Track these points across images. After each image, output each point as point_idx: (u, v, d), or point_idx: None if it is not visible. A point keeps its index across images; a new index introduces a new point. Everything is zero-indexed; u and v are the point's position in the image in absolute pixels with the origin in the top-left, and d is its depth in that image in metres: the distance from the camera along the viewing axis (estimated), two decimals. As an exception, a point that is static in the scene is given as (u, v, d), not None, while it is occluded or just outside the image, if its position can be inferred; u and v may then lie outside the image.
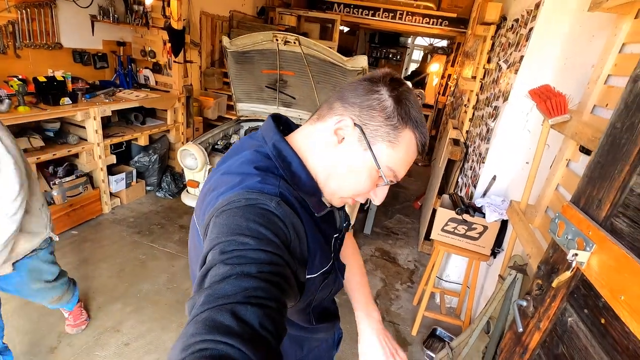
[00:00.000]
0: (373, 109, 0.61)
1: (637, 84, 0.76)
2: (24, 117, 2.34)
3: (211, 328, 0.39)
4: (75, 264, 2.45)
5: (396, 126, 0.61)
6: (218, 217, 0.54)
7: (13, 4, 2.52)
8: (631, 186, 0.73)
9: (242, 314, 0.42)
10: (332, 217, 0.77)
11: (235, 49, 2.50)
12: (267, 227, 0.53)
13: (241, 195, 0.56)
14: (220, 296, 0.43)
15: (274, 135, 0.67)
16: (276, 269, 0.50)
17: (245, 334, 0.40)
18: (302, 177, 0.65)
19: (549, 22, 1.76)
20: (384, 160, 0.62)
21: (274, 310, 0.45)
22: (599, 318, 0.76)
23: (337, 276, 0.79)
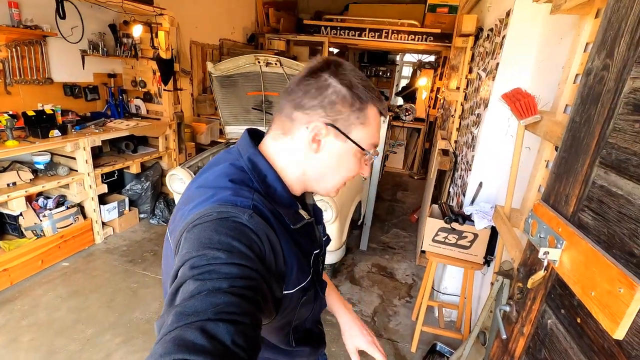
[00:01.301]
0: (335, 103, 0.63)
1: (590, 77, 0.77)
2: (12, 152, 2.36)
3: (180, 347, 0.38)
4: (65, 296, 2.41)
5: (360, 108, 0.64)
6: (189, 231, 0.53)
7: (3, 43, 2.60)
8: (593, 179, 0.72)
9: (213, 331, 0.41)
10: (311, 231, 0.75)
11: (219, 73, 2.55)
12: (239, 240, 0.52)
13: (213, 209, 0.55)
14: (190, 313, 0.42)
15: (249, 149, 0.67)
16: (249, 283, 0.48)
17: (216, 351, 0.39)
18: (277, 189, 0.65)
19: (520, 28, 1.80)
20: (364, 140, 0.66)
21: (247, 327, 0.44)
22: (575, 317, 0.73)
23: (317, 293, 0.77)
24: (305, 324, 0.79)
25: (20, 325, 2.13)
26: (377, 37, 5.81)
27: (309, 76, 0.64)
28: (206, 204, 0.57)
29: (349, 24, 5.94)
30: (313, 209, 0.81)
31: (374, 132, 0.68)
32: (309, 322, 0.81)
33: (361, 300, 2.65)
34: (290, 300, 0.66)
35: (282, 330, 0.73)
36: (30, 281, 2.52)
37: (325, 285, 0.84)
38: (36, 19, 2.74)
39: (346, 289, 2.76)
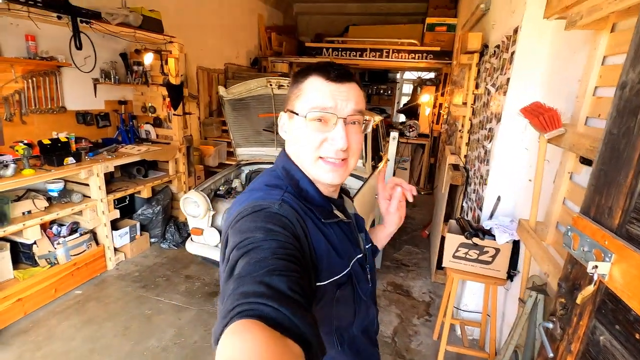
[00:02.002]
0: (288, 95, 0.74)
1: (625, 91, 0.78)
2: (28, 180, 2.38)
3: (244, 296, 0.43)
4: (79, 325, 2.36)
5: (298, 85, 0.71)
6: (232, 228, 0.62)
7: (20, 75, 2.66)
8: (639, 190, 0.72)
9: (269, 282, 0.46)
10: (349, 234, 0.78)
11: (231, 97, 2.60)
12: (274, 223, 0.59)
13: (248, 206, 0.65)
14: (245, 275, 0.48)
15: (283, 159, 0.77)
16: (289, 252, 0.55)
17: (276, 295, 0.44)
18: (309, 191, 0.72)
19: (529, 44, 1.84)
20: (303, 107, 0.69)
21: (298, 277, 0.50)
22: (633, 333, 0.71)
23: (359, 297, 0.76)
24: (351, 330, 0.78)
25: (35, 356, 2.08)
26: (378, 56, 5.93)
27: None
28: (243, 204, 0.66)
29: (350, 45, 6.09)
30: (355, 217, 0.87)
31: (311, 97, 0.68)
32: (357, 330, 0.79)
33: (380, 320, 2.57)
34: (325, 293, 0.67)
35: (322, 327, 0.72)
36: (44, 310, 2.48)
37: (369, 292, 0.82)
38: (51, 50, 2.82)
39: (363, 309, 2.70)
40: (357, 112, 0.70)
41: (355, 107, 0.70)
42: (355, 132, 0.71)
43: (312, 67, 0.70)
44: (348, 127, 0.69)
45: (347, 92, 0.69)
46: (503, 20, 2.31)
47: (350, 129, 0.70)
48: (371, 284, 0.82)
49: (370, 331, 0.82)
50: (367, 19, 7.29)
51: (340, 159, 0.70)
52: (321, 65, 0.69)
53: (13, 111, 2.66)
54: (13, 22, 2.57)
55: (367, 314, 0.80)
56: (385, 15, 7.18)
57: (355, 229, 0.81)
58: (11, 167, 2.31)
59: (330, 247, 0.70)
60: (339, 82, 0.68)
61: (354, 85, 0.71)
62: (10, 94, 2.63)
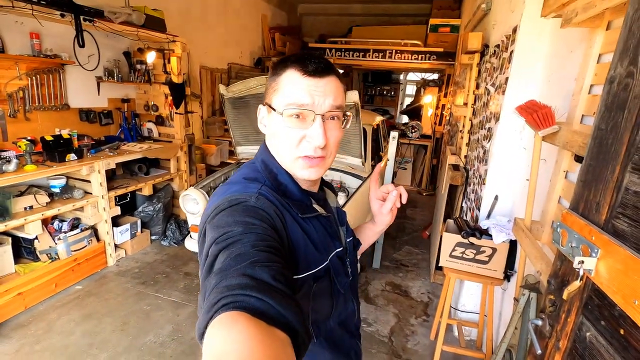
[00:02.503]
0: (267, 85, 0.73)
1: (613, 85, 0.77)
2: (30, 176, 2.41)
3: (228, 289, 0.43)
4: (78, 320, 2.38)
5: (275, 78, 0.69)
6: (209, 222, 0.61)
7: (24, 72, 2.70)
8: (626, 185, 0.72)
9: (252, 273, 0.46)
10: (329, 227, 0.78)
11: (231, 95, 2.61)
12: (252, 216, 0.59)
13: (225, 199, 0.64)
14: (227, 269, 0.47)
15: (263, 153, 0.76)
16: (269, 244, 0.55)
17: (259, 285, 0.44)
18: (288, 185, 0.72)
19: (528, 42, 1.84)
20: (280, 102, 0.67)
21: (281, 267, 0.50)
22: (618, 329, 0.70)
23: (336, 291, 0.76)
24: (328, 323, 0.77)
25: (34, 350, 2.11)
26: (381, 57, 5.93)
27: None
28: (220, 198, 0.66)
29: (354, 46, 6.09)
30: (337, 211, 0.86)
31: (288, 92, 0.66)
32: (333, 322, 0.78)
33: (377, 319, 2.59)
34: (302, 286, 0.67)
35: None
36: (44, 305, 2.51)
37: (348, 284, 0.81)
38: (55, 48, 2.85)
39: (361, 308, 2.69)
40: (336, 108, 0.68)
41: (334, 103, 0.67)
42: (334, 128, 0.69)
43: (290, 59, 0.68)
44: (326, 123, 0.67)
45: (325, 87, 0.66)
46: (503, 19, 2.31)
47: (329, 125, 0.68)
48: (351, 277, 0.82)
49: (349, 324, 0.82)
50: (370, 19, 7.29)
51: (318, 156, 0.68)
52: (299, 58, 0.67)
53: (17, 108, 2.70)
54: (18, 20, 2.61)
55: (345, 307, 0.79)
56: (389, 16, 7.18)
57: (335, 222, 0.81)
58: (14, 163, 2.34)
59: (309, 240, 0.69)
60: (317, 77, 0.66)
61: (333, 79, 0.68)
62: (14, 90, 2.66)
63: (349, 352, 0.82)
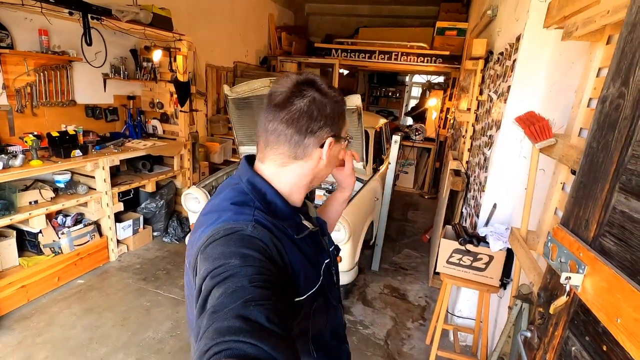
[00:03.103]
0: (335, 117, 0.71)
1: (606, 104, 0.78)
2: (36, 170, 2.45)
3: (220, 334, 0.42)
4: (79, 314, 2.43)
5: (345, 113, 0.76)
6: (202, 252, 0.59)
7: (32, 68, 2.74)
8: (613, 204, 0.73)
9: (247, 315, 0.44)
10: (318, 241, 0.79)
11: (235, 95, 2.63)
12: (249, 247, 0.57)
13: (220, 228, 0.61)
14: (221, 309, 0.46)
15: (247, 172, 0.73)
16: (267, 278, 0.53)
17: (253, 329, 0.42)
18: (277, 204, 0.70)
19: (530, 52, 1.84)
20: (345, 131, 0.77)
21: (277, 307, 0.48)
22: (601, 345, 0.72)
23: (329, 302, 0.79)
24: (324, 335, 0.80)
25: (35, 342, 2.15)
26: (387, 59, 5.92)
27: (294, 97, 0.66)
28: (212, 227, 0.63)
29: (360, 47, 6.09)
30: (317, 220, 0.84)
31: (347, 121, 0.78)
32: (327, 334, 0.82)
33: (374, 322, 2.61)
34: (303, 307, 0.68)
35: (300, 339, 0.74)
36: (47, 298, 2.56)
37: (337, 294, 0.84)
38: (63, 45, 2.89)
39: (358, 311, 2.72)
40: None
41: None
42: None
43: (339, 93, 0.74)
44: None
45: None
46: (508, 27, 2.30)
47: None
48: (336, 287, 0.84)
49: (339, 332, 0.85)
50: (378, 20, 7.28)
51: None
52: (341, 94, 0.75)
53: (24, 103, 2.74)
54: (27, 17, 2.65)
55: (336, 317, 0.82)
56: (396, 17, 7.16)
57: (319, 234, 0.81)
58: (20, 158, 2.38)
59: (306, 261, 0.70)
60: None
61: None
62: (22, 86, 2.70)
63: (341, 356, 0.85)
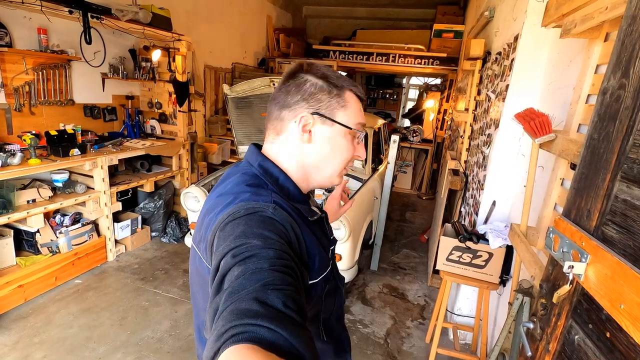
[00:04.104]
0: (315, 94, 0.70)
1: (606, 96, 0.80)
2: (34, 169, 2.43)
3: (238, 316, 0.41)
4: (77, 314, 2.41)
5: (338, 94, 0.71)
6: (222, 230, 0.58)
7: (30, 67, 2.73)
8: (615, 193, 0.74)
9: (264, 299, 0.44)
10: (324, 227, 0.80)
11: (235, 95, 2.64)
12: (270, 230, 0.57)
13: (240, 207, 0.61)
14: (240, 290, 0.45)
15: (258, 157, 0.73)
16: (286, 263, 0.53)
17: (271, 314, 0.42)
18: (290, 188, 0.72)
19: (528, 51, 1.86)
20: (350, 121, 0.72)
21: (294, 292, 0.48)
22: (604, 332, 0.73)
23: (338, 286, 0.80)
24: (331, 319, 0.81)
25: (32, 342, 2.13)
26: (385, 60, 5.96)
27: (288, 79, 0.72)
28: (231, 206, 0.62)
29: (357, 49, 6.12)
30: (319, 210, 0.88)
31: (357, 112, 0.73)
32: (334, 318, 0.82)
33: (373, 321, 2.61)
34: (316, 290, 0.69)
35: (313, 324, 0.75)
36: (44, 298, 2.54)
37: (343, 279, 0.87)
38: (62, 44, 2.89)
39: (358, 310, 2.72)
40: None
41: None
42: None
43: (344, 80, 0.72)
44: None
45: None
46: (505, 27, 2.33)
47: None
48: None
49: (341, 316, 0.86)
50: (375, 23, 7.33)
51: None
52: (349, 81, 0.73)
53: (23, 102, 2.73)
54: (26, 16, 2.64)
55: (341, 302, 0.83)
56: (394, 20, 7.22)
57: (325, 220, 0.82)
58: (18, 156, 2.37)
59: (319, 243, 0.71)
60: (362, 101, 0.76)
61: None
62: (20, 85, 2.70)
63: (344, 343, 0.86)
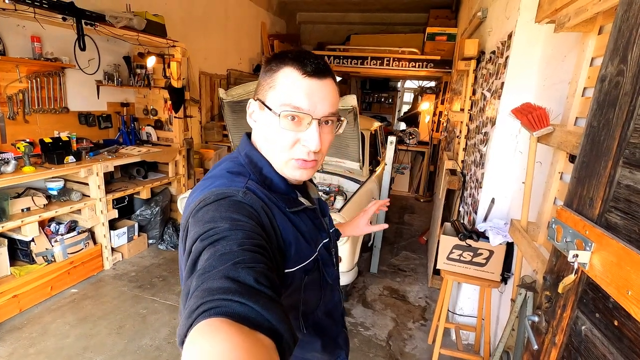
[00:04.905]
0: (260, 79, 0.70)
1: (605, 83, 0.80)
2: (28, 177, 2.40)
3: (209, 293, 0.41)
4: (73, 323, 2.36)
5: (271, 74, 0.67)
6: (194, 216, 0.58)
7: (24, 75, 2.71)
8: (618, 179, 0.73)
9: (236, 276, 0.44)
10: (315, 219, 0.78)
11: (230, 99, 2.63)
12: (239, 212, 0.57)
13: (211, 193, 0.61)
14: (210, 270, 0.45)
15: (245, 146, 0.74)
16: (256, 242, 0.52)
17: (242, 289, 0.42)
18: (273, 179, 0.70)
19: (522, 48, 1.87)
20: (275, 101, 0.65)
21: (265, 268, 0.48)
22: (612, 320, 0.72)
23: (325, 281, 0.78)
24: (316, 313, 0.79)
25: (28, 353, 2.08)
26: (379, 64, 5.99)
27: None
28: (205, 191, 0.63)
29: (352, 53, 6.16)
30: (318, 202, 0.84)
31: (285, 91, 0.64)
32: (321, 312, 0.80)
33: (374, 324, 2.58)
34: (293, 279, 0.67)
35: (290, 313, 0.73)
36: (39, 308, 2.49)
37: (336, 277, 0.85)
38: (56, 52, 2.87)
39: (359, 313, 2.69)
40: (332, 114, 0.67)
41: (331, 109, 0.67)
42: (327, 132, 0.69)
43: (287, 56, 0.65)
44: (321, 127, 0.66)
45: (323, 90, 0.65)
46: (498, 26, 2.35)
47: (323, 129, 0.67)
48: (336, 268, 0.84)
49: (334, 314, 0.84)
50: (368, 28, 7.39)
51: (312, 160, 0.68)
52: (298, 55, 0.64)
53: (16, 110, 2.71)
54: (20, 24, 2.63)
55: (332, 298, 0.81)
56: (387, 25, 7.29)
57: (319, 213, 0.81)
58: (12, 164, 2.34)
59: (299, 233, 0.69)
60: (316, 78, 0.64)
61: (330, 82, 0.67)
62: (14, 93, 2.67)
63: (337, 339, 0.84)
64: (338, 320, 0.86)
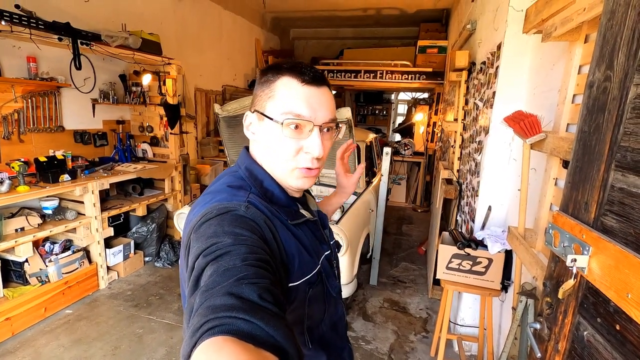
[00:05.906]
0: (256, 91, 0.71)
1: (593, 89, 0.81)
2: (22, 196, 2.38)
3: (213, 310, 0.40)
4: (67, 345, 2.30)
5: (269, 85, 0.67)
6: (196, 232, 0.58)
7: (20, 95, 2.72)
8: (611, 182, 0.74)
9: (239, 292, 0.43)
10: (316, 231, 0.78)
11: (226, 114, 2.65)
12: (241, 227, 0.56)
13: (213, 208, 0.61)
14: (214, 287, 0.45)
15: (245, 159, 0.74)
16: (260, 257, 0.52)
17: (246, 306, 0.41)
18: (274, 192, 0.70)
19: (512, 58, 1.92)
20: (275, 110, 0.65)
21: (269, 283, 0.47)
22: (614, 325, 0.71)
23: (328, 294, 0.77)
24: (321, 327, 0.78)
25: (20, 378, 2.02)
26: (372, 77, 6.08)
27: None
28: (206, 206, 0.63)
29: (345, 67, 6.25)
30: (318, 214, 0.84)
31: (285, 100, 0.65)
32: (325, 326, 0.79)
33: (376, 337, 2.54)
34: (297, 293, 0.66)
35: (295, 328, 0.72)
36: (33, 330, 2.43)
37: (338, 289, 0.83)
38: (52, 71, 2.89)
39: (359, 326, 2.65)
40: (332, 120, 0.69)
41: (331, 115, 0.68)
42: (327, 139, 0.70)
43: (284, 66, 0.66)
44: (322, 134, 0.67)
45: (322, 97, 0.67)
46: (488, 37, 2.41)
47: (324, 136, 0.68)
48: (338, 280, 0.83)
49: (339, 327, 0.82)
50: (361, 42, 7.53)
51: (315, 167, 0.68)
52: (294, 65, 0.66)
53: (11, 130, 2.70)
54: (15, 45, 2.66)
55: (336, 310, 0.80)
56: (379, 39, 7.42)
57: (320, 225, 0.81)
58: (6, 184, 2.32)
59: (301, 246, 0.69)
60: (314, 86, 0.66)
61: (327, 89, 0.69)
62: (9, 113, 2.67)
63: (342, 353, 0.82)
64: (342, 334, 0.84)
